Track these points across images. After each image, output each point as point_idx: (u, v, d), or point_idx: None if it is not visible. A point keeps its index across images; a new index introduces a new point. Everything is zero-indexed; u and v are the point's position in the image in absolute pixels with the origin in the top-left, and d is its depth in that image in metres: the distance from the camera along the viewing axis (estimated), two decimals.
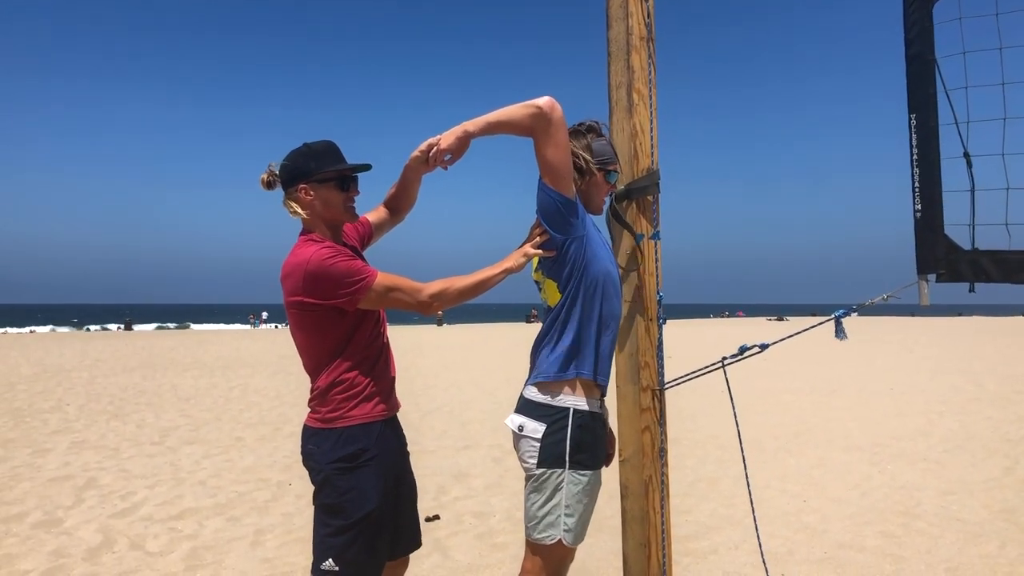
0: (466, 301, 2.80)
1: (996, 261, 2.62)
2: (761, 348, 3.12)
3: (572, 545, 2.73)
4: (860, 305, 2.88)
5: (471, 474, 7.20)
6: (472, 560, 4.84)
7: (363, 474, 2.71)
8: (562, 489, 2.67)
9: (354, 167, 2.84)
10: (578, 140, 2.86)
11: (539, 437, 2.67)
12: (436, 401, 12.38)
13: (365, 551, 2.71)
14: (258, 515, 5.82)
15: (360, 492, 2.70)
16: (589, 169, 2.83)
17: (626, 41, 3.25)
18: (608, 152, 2.91)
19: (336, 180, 2.79)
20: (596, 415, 2.78)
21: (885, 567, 4.63)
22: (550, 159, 2.62)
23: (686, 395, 11.29)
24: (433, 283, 2.76)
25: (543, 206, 2.71)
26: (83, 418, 10.66)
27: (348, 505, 2.69)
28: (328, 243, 2.74)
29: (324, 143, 2.84)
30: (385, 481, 2.76)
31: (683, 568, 4.64)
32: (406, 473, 2.98)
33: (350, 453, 2.71)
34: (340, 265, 2.65)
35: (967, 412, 10.84)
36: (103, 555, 4.92)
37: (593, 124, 2.94)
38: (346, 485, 2.70)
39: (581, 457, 2.68)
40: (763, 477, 6.96)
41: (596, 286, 2.76)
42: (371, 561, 2.75)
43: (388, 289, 2.69)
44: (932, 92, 2.68)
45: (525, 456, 2.72)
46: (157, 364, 19.68)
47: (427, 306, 2.75)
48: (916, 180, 2.70)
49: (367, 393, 2.77)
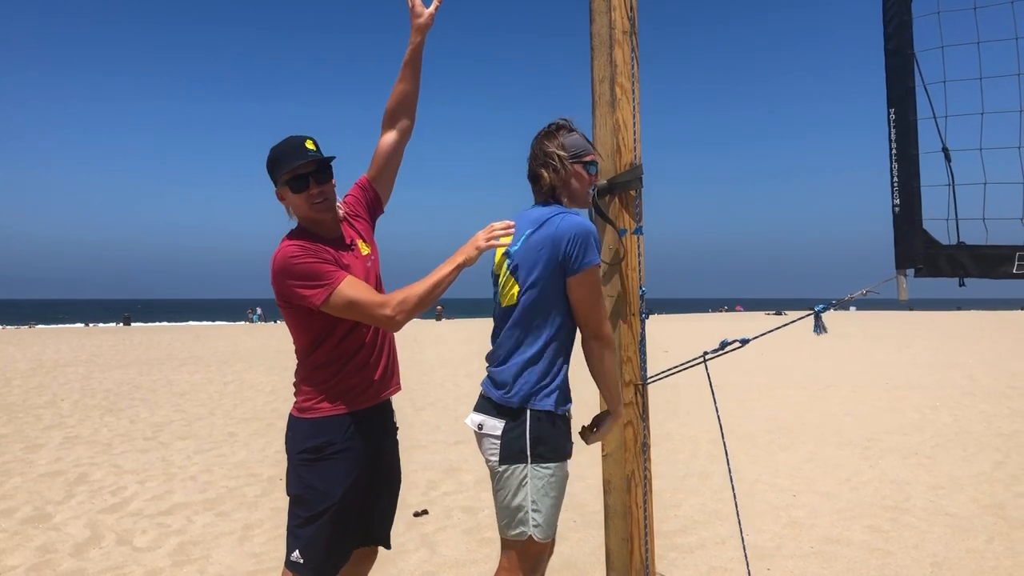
0: (429, 305, 2.72)
1: (974, 256, 2.62)
2: (742, 343, 3.13)
3: (542, 539, 2.72)
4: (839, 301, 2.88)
5: (462, 469, 7.20)
6: (459, 555, 4.84)
7: (327, 467, 2.71)
8: (527, 484, 2.68)
9: (298, 166, 2.70)
10: (551, 141, 2.85)
11: (499, 434, 2.69)
12: (431, 396, 12.38)
13: (328, 543, 2.71)
14: (247, 510, 5.82)
15: (323, 485, 2.71)
16: (563, 166, 2.82)
17: (609, 35, 3.24)
18: (581, 144, 2.89)
19: (289, 183, 2.72)
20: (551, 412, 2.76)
21: (871, 561, 4.63)
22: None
23: (680, 389, 11.30)
24: (392, 296, 2.66)
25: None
26: (77, 413, 10.66)
27: (310, 497, 2.71)
28: (301, 242, 2.69)
29: (282, 144, 2.76)
30: (352, 475, 2.74)
31: (669, 563, 4.64)
32: (385, 466, 2.94)
33: (316, 445, 2.72)
34: (303, 267, 2.62)
35: (961, 406, 10.84)
36: (90, 550, 4.92)
37: (562, 122, 2.94)
38: (310, 477, 2.72)
39: (542, 450, 2.68)
40: (754, 471, 6.96)
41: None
42: (334, 553, 2.75)
43: (348, 302, 2.62)
44: (911, 86, 2.68)
45: (488, 454, 2.73)
46: (153, 359, 19.67)
47: (389, 321, 2.64)
48: (895, 175, 2.70)
49: (340, 388, 2.76)
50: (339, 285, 2.61)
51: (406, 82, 3.06)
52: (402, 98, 3.06)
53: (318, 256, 2.65)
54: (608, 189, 3.18)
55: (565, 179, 2.84)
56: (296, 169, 2.69)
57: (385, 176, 3.11)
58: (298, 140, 2.75)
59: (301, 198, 2.72)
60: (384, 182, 3.12)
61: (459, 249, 2.73)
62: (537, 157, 2.86)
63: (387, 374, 2.91)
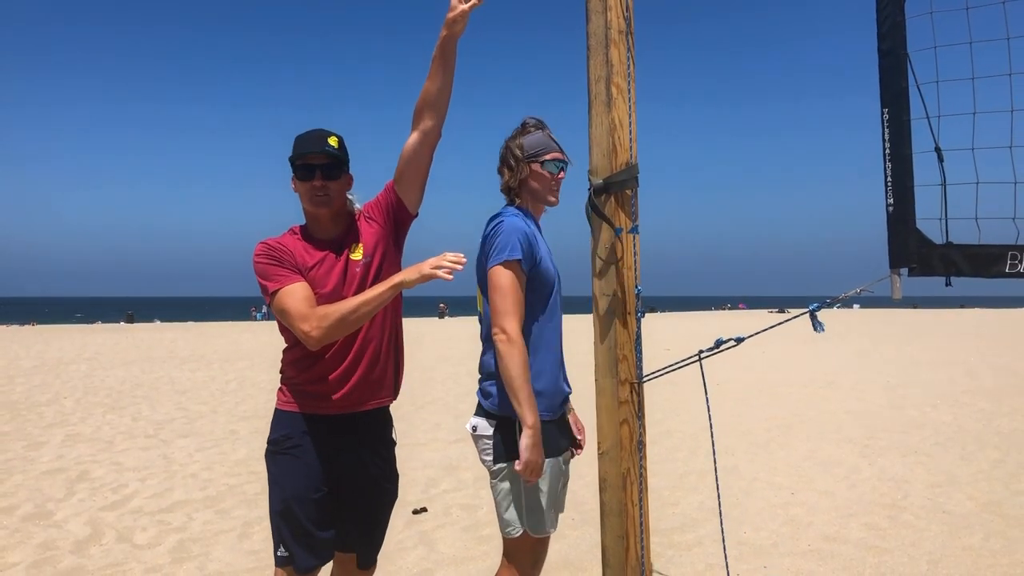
0: (355, 325, 2.60)
1: (967, 255, 2.63)
2: (737, 341, 3.14)
3: (536, 534, 2.75)
4: (833, 299, 2.89)
5: (461, 467, 7.22)
6: (457, 552, 4.86)
7: (284, 460, 2.75)
8: (517, 481, 2.72)
9: (310, 154, 2.70)
10: (512, 140, 2.93)
11: (491, 434, 2.76)
12: (432, 394, 12.40)
13: (298, 537, 2.71)
14: (247, 508, 5.84)
15: (281, 478, 2.75)
16: (519, 166, 2.87)
17: (605, 35, 3.25)
18: (542, 143, 2.90)
19: (297, 169, 2.76)
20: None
21: (868, 559, 4.65)
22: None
23: (681, 387, 11.30)
24: (316, 310, 2.58)
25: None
26: (79, 411, 10.69)
27: (272, 487, 2.78)
28: (271, 241, 2.75)
29: (308, 132, 2.77)
30: (303, 472, 2.71)
31: (666, 560, 4.66)
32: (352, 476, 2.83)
33: (276, 437, 2.79)
34: (259, 266, 2.68)
35: (961, 405, 10.85)
36: (91, 547, 4.94)
37: (528, 121, 2.98)
38: (272, 469, 2.79)
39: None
40: (752, 469, 6.98)
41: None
42: (306, 547, 2.72)
43: (281, 310, 2.62)
44: (904, 86, 2.69)
45: (483, 455, 2.81)
46: (156, 357, 19.71)
47: (306, 336, 2.57)
48: (888, 175, 2.70)
49: (300, 390, 2.79)
50: (280, 291, 2.62)
51: (431, 78, 2.80)
52: (426, 95, 2.82)
53: (275, 258, 2.68)
54: (604, 188, 3.19)
55: (523, 179, 2.89)
56: (307, 157, 2.71)
57: (407, 179, 2.89)
58: (323, 133, 2.76)
59: (304, 187, 2.74)
60: (407, 185, 2.90)
61: (405, 269, 2.67)
62: (502, 157, 2.92)
63: (362, 388, 2.79)
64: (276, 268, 2.66)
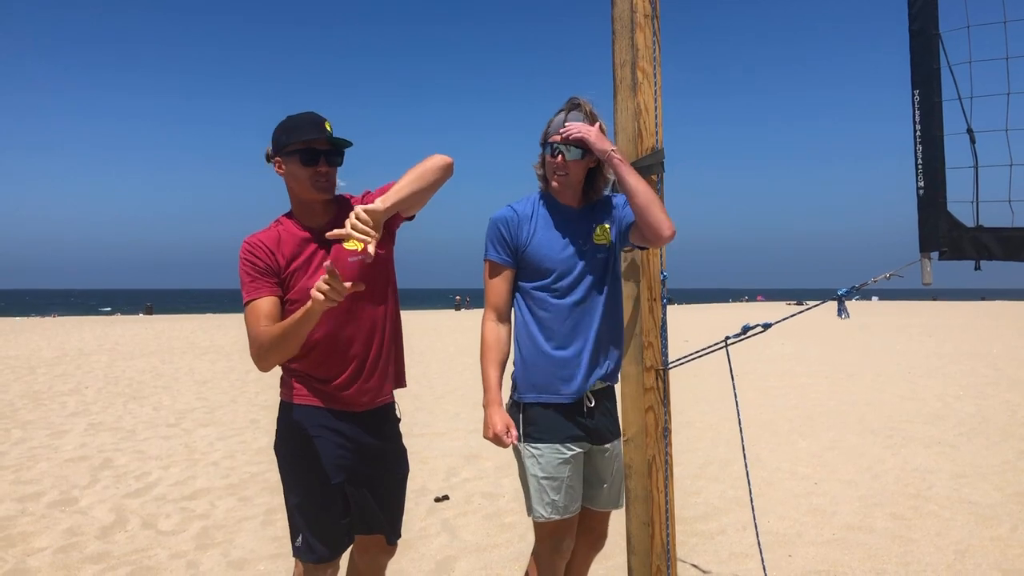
0: (286, 349, 2.51)
1: (999, 239, 2.59)
2: (764, 328, 3.11)
3: (552, 518, 2.76)
4: (862, 284, 2.86)
5: (482, 456, 7.23)
6: (479, 540, 4.86)
7: (295, 452, 2.74)
8: (525, 464, 2.78)
9: (315, 139, 2.61)
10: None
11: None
12: (451, 384, 12.43)
13: (314, 528, 2.71)
14: (269, 495, 5.87)
15: (291, 470, 2.75)
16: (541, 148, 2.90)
17: (630, 19, 3.23)
18: (554, 125, 2.82)
19: (301, 153, 2.61)
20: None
21: (894, 549, 4.61)
22: None
23: (703, 377, 11.26)
24: (261, 334, 2.52)
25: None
26: (100, 401, 10.79)
27: (285, 480, 2.78)
28: (253, 240, 2.64)
29: (303, 115, 2.66)
30: (322, 465, 2.69)
31: (690, 548, 4.64)
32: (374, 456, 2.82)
33: (285, 430, 2.77)
34: (239, 271, 2.62)
35: (984, 396, 10.74)
36: (116, 533, 4.99)
37: (573, 100, 2.88)
38: (283, 462, 2.78)
39: (530, 430, 2.79)
40: (775, 459, 6.94)
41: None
42: (323, 538, 2.72)
43: (245, 323, 2.59)
44: (936, 67, 2.65)
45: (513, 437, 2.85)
46: (175, 348, 19.87)
47: (256, 361, 2.55)
48: (919, 157, 2.67)
49: (311, 382, 2.73)
50: (249, 304, 2.58)
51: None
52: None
53: (252, 264, 2.61)
54: None
55: (542, 163, 2.88)
56: (312, 142, 2.60)
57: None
58: (318, 117, 2.65)
59: (307, 172, 2.61)
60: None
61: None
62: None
63: (368, 380, 2.76)
64: (251, 276, 2.59)
